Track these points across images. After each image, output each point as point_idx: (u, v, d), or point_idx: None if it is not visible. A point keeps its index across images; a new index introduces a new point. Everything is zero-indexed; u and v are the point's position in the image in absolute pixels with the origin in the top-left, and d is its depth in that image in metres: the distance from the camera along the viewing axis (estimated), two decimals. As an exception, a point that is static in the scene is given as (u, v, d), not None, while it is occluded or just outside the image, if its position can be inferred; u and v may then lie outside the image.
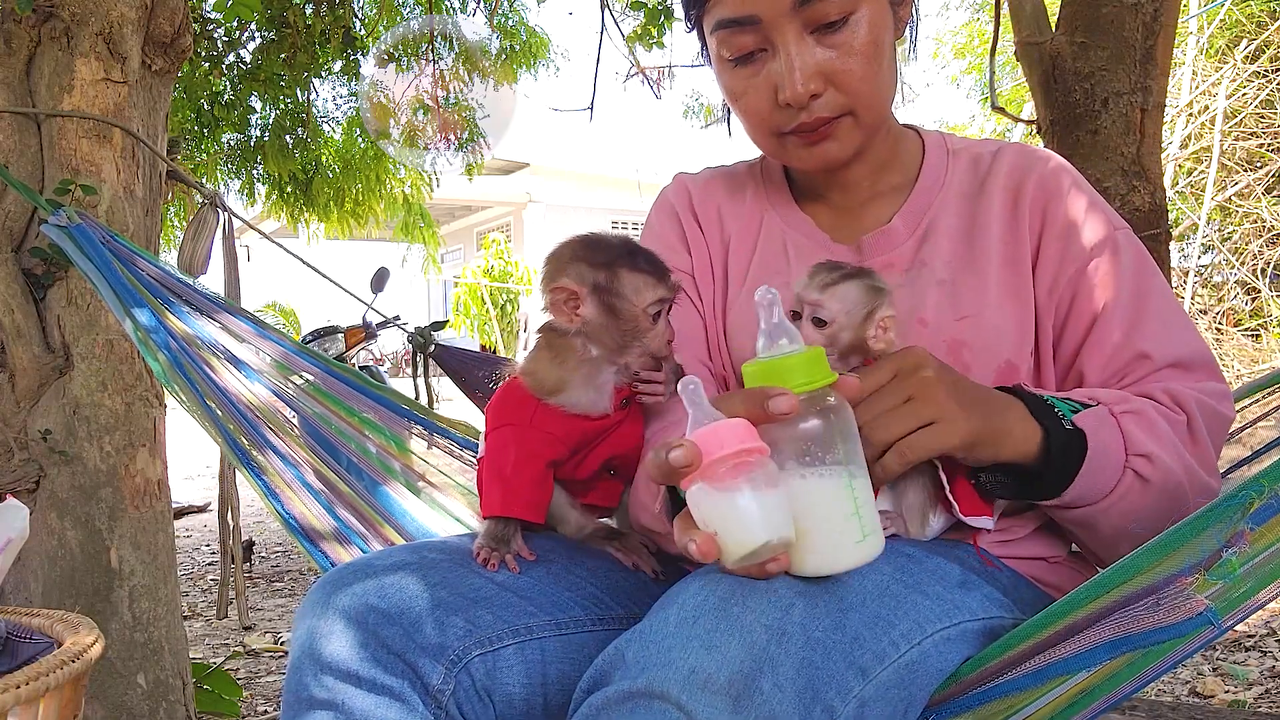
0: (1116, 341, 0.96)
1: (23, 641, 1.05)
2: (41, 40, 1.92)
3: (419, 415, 1.61)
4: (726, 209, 1.16)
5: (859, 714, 0.70)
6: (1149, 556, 0.71)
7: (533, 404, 0.98)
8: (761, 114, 1.00)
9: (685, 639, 0.69)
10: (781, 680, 0.67)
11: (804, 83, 0.95)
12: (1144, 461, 0.85)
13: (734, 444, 0.67)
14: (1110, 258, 0.98)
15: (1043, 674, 0.74)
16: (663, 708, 0.66)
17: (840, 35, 0.94)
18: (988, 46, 3.98)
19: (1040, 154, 1.05)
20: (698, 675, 0.66)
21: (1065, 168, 1.04)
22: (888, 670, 0.73)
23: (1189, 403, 0.90)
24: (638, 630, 0.73)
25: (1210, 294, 7.19)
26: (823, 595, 0.73)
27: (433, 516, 1.51)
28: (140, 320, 1.61)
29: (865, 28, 0.95)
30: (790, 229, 1.11)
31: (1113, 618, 0.72)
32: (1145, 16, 3.00)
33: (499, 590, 0.92)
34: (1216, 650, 2.49)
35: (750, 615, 0.70)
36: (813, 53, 0.95)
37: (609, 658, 0.73)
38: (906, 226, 1.05)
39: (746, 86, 1.00)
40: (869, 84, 0.97)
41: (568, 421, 0.97)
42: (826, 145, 1.01)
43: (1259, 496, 0.69)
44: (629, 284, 0.95)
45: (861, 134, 1.01)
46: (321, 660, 0.85)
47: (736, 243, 1.14)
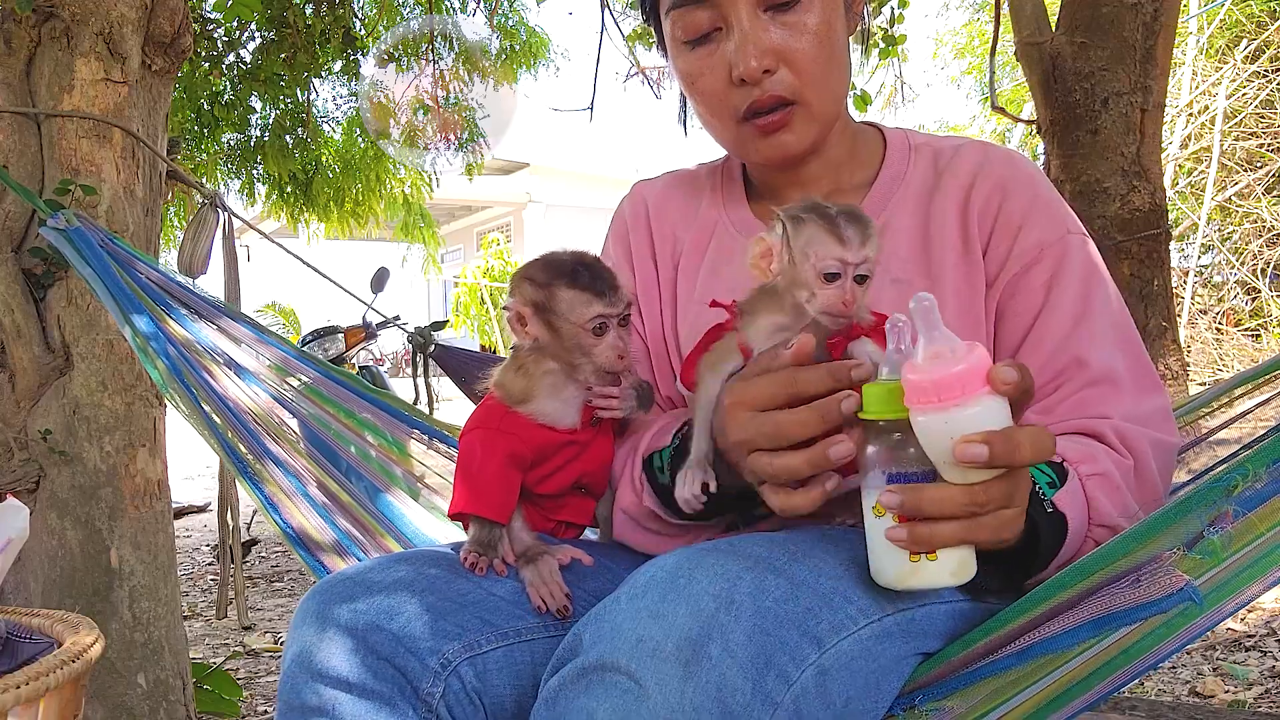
0: (1054, 345, 0.95)
1: (23, 641, 1.05)
2: (41, 40, 1.92)
3: (418, 421, 1.61)
4: (680, 218, 1.17)
5: (819, 682, 0.70)
6: (1132, 541, 0.72)
7: (502, 411, 1.00)
8: (718, 95, 1.01)
9: (634, 611, 0.70)
10: (731, 646, 0.67)
11: (757, 57, 0.96)
12: (1104, 531, 0.84)
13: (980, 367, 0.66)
14: (1057, 260, 0.97)
15: (1027, 654, 0.74)
16: (614, 679, 0.67)
17: (792, 15, 0.97)
18: (988, 46, 3.98)
19: (1001, 152, 1.05)
20: (646, 643, 0.68)
21: (1024, 167, 1.03)
22: (847, 641, 0.73)
23: (1139, 444, 0.89)
24: (593, 612, 0.75)
25: (1210, 294, 7.19)
26: (771, 573, 0.73)
27: (431, 522, 1.51)
28: (139, 327, 1.61)
29: (817, 12, 0.97)
30: (741, 235, 1.10)
31: (1095, 596, 0.72)
32: (1145, 16, 3.00)
33: (487, 595, 0.93)
34: (1216, 650, 2.49)
35: (697, 586, 0.71)
36: (767, 29, 0.97)
37: (569, 642, 0.74)
38: None
39: (702, 68, 1.01)
40: (820, 66, 0.99)
41: (535, 430, 0.99)
42: (782, 136, 1.01)
43: (1244, 480, 0.70)
44: (564, 302, 0.96)
45: (816, 126, 1.02)
46: (314, 669, 0.87)
47: (689, 252, 1.14)
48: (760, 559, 0.74)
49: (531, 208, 16.99)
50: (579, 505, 1.07)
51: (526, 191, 16.78)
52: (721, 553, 0.75)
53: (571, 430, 1.00)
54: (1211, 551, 0.69)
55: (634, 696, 0.66)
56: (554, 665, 0.74)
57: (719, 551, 0.75)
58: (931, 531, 0.69)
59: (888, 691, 0.77)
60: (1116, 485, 0.86)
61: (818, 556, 0.77)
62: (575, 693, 0.69)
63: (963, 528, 0.69)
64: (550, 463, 1.01)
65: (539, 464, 1.01)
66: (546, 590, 0.95)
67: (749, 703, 0.67)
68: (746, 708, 0.66)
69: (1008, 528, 0.71)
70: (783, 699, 0.68)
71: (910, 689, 0.80)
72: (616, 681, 0.67)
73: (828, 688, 0.71)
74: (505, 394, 1.01)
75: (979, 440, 0.65)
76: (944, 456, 0.67)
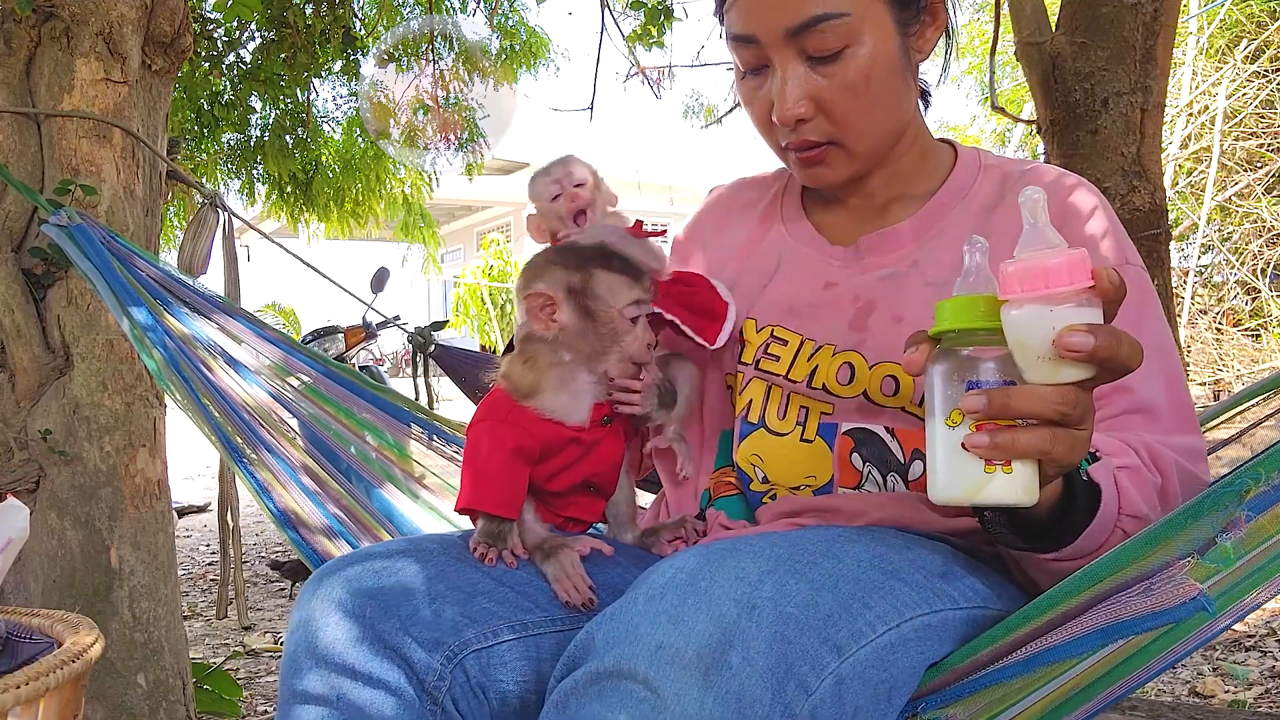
0: None
1: (23, 641, 1.05)
2: (41, 40, 1.92)
3: (418, 416, 1.60)
4: (734, 223, 1.17)
5: (836, 691, 0.69)
6: (1142, 546, 0.71)
7: (509, 404, 0.98)
8: (763, 124, 1.02)
9: (653, 615, 0.69)
10: (752, 654, 0.66)
11: (792, 107, 0.96)
12: (1133, 522, 0.83)
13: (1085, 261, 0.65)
14: None
15: (1034, 662, 0.73)
16: (630, 687, 0.65)
17: (832, 66, 0.95)
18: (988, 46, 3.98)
19: (1070, 178, 1.04)
20: (665, 650, 0.66)
21: (1092, 195, 1.03)
22: (865, 649, 0.72)
23: (1168, 466, 0.88)
24: (607, 612, 0.73)
25: (1210, 294, 7.19)
26: (792, 576, 0.72)
27: (429, 520, 1.50)
28: (137, 318, 1.60)
29: (859, 62, 0.95)
30: (790, 239, 1.11)
31: (1104, 604, 0.71)
32: (1145, 16, 3.00)
33: (495, 585, 0.92)
34: (1216, 650, 2.49)
35: (719, 590, 0.69)
36: (806, 78, 0.96)
37: (580, 642, 0.73)
38: (913, 230, 1.04)
39: (752, 97, 1.02)
40: (857, 116, 0.97)
41: (542, 425, 0.97)
42: (819, 169, 1.02)
43: (1255, 484, 0.69)
44: (604, 284, 0.95)
45: (854, 163, 1.02)
46: (317, 652, 0.85)
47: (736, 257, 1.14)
48: (781, 560, 0.73)
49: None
50: (587, 503, 1.06)
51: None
52: (741, 553, 0.74)
53: (580, 428, 0.98)
54: (1224, 559, 0.68)
55: (650, 706, 0.64)
56: (565, 665, 0.73)
57: (739, 553, 0.74)
58: (1014, 438, 0.67)
59: (897, 703, 0.76)
60: (1146, 480, 0.85)
61: (835, 559, 0.76)
62: (588, 699, 0.67)
63: (1045, 435, 0.67)
64: (557, 459, 0.99)
65: (546, 460, 0.99)
66: (570, 584, 0.93)
67: (768, 714, 0.65)
68: (765, 719, 0.65)
69: (1080, 447, 0.69)
70: (801, 710, 0.67)
71: (914, 697, 0.78)
72: (632, 690, 0.65)
73: (843, 697, 0.70)
74: (512, 387, 0.98)
75: (1083, 329, 0.64)
76: (1040, 350, 0.65)
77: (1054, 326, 0.64)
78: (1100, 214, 1.00)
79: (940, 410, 0.70)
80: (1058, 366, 0.66)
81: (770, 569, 0.72)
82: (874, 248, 1.04)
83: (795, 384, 1.00)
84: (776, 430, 1.01)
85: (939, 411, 0.70)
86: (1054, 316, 0.65)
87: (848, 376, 0.97)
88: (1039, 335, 0.65)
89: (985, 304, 0.68)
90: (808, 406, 1.00)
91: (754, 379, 1.03)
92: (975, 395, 0.67)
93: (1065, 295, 0.65)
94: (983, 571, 0.89)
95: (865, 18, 0.94)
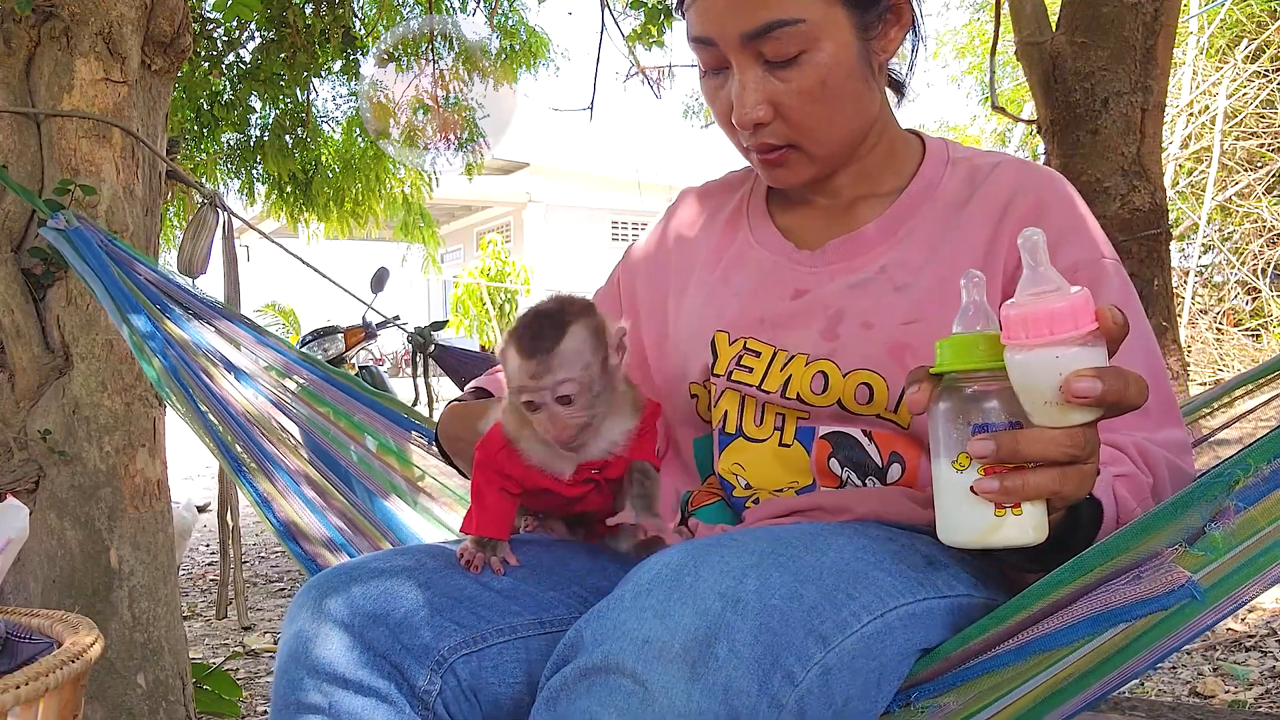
0: None
1: (23, 641, 1.05)
2: (41, 40, 1.92)
3: (418, 423, 1.60)
4: (703, 227, 1.17)
5: (823, 682, 0.70)
6: (1132, 536, 0.71)
7: (502, 441, 0.98)
8: (726, 125, 1.02)
9: (639, 610, 0.69)
10: (737, 646, 0.67)
11: (750, 111, 0.96)
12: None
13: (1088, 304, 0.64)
14: (1092, 282, 0.94)
15: (1026, 650, 0.73)
16: (618, 682, 0.66)
17: (790, 71, 0.94)
18: (988, 46, 3.98)
19: (1042, 171, 1.03)
20: (651, 644, 0.67)
21: (1063, 187, 1.02)
22: (851, 639, 0.72)
23: (1158, 464, 0.88)
24: (595, 610, 0.74)
25: (1210, 294, 7.19)
26: (775, 569, 0.72)
27: (428, 528, 1.50)
28: (136, 326, 1.60)
29: (817, 69, 0.94)
30: (757, 246, 1.10)
31: (1094, 593, 0.71)
32: (1145, 16, 3.01)
33: (484, 591, 0.93)
34: (1216, 650, 2.49)
35: (703, 584, 0.70)
36: (763, 81, 0.95)
37: (569, 640, 0.74)
38: (881, 233, 1.03)
39: (714, 97, 1.02)
40: (816, 121, 0.97)
41: (525, 471, 0.97)
42: (780, 171, 1.02)
43: (1245, 475, 0.69)
44: (510, 364, 0.91)
45: (815, 165, 1.01)
46: (309, 663, 0.86)
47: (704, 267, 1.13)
48: (765, 554, 0.74)
49: (531, 208, 16.98)
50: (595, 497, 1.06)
51: (526, 191, 16.78)
52: (725, 548, 0.74)
53: (561, 480, 0.97)
54: (1213, 547, 0.68)
55: (638, 699, 0.65)
56: (555, 663, 0.74)
57: (723, 547, 0.75)
58: (1024, 481, 0.66)
59: (887, 691, 0.77)
60: (1141, 484, 0.86)
61: (819, 551, 0.77)
62: (577, 694, 0.68)
63: (1055, 476, 0.67)
64: (541, 500, 1.00)
65: (531, 497, 1.00)
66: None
67: (755, 705, 0.66)
68: (753, 710, 0.66)
69: (1088, 482, 0.69)
70: (788, 701, 0.68)
71: (907, 685, 0.79)
72: (620, 684, 0.66)
73: (831, 687, 0.70)
74: (504, 427, 0.98)
75: (1091, 374, 0.63)
76: (1047, 395, 0.64)
77: (1060, 372, 0.64)
78: (1074, 206, 1.00)
79: (945, 453, 0.70)
80: (1065, 411, 0.65)
81: (754, 563, 0.72)
82: (841, 254, 1.04)
83: (769, 394, 0.99)
84: (754, 436, 1.01)
85: (944, 454, 0.70)
86: (1060, 362, 0.64)
87: (822, 385, 0.97)
88: (1045, 381, 0.64)
89: (986, 343, 0.68)
90: (784, 413, 1.00)
91: (727, 390, 1.03)
92: (983, 440, 0.67)
93: (1070, 340, 0.64)
94: (967, 560, 0.90)
95: (822, 23, 0.93)
